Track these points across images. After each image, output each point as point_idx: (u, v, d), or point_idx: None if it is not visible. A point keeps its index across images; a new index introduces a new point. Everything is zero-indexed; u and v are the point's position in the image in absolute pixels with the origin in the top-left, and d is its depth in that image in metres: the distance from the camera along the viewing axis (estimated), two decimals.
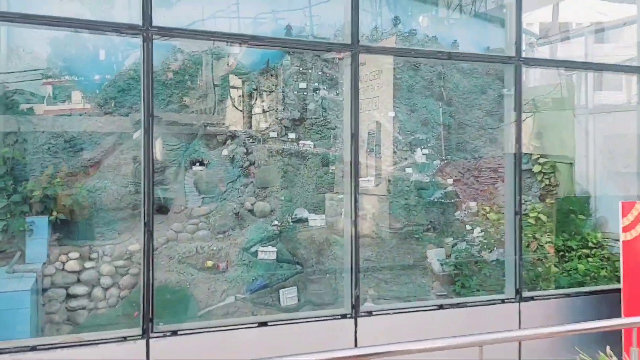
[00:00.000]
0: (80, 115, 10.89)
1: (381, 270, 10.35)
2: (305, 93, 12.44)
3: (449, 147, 14.48)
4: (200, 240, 9.82)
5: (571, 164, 14.75)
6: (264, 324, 5.66)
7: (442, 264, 11.29)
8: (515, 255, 7.45)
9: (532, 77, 15.90)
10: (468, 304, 7.13)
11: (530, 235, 12.97)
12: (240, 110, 11.98)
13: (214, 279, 9.10)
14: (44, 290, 8.61)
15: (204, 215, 10.29)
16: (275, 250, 9.50)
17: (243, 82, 12.14)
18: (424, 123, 14.19)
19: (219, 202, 10.75)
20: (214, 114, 11.84)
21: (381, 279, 10.23)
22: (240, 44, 6.18)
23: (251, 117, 12.04)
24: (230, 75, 12.03)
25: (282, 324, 5.77)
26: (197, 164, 11.23)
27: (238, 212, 10.22)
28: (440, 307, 6.88)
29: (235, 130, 11.70)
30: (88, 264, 9.11)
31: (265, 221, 10.37)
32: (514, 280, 7.49)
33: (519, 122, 7.72)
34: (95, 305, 8.81)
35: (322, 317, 6.10)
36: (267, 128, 11.95)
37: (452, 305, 6.97)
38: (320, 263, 10.12)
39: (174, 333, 5.30)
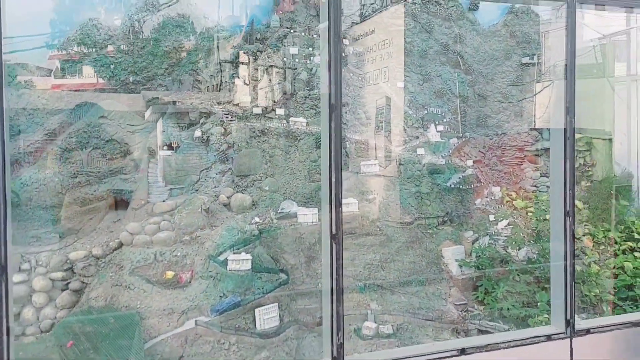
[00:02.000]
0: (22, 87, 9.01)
1: (385, 278, 8.43)
2: (296, 60, 10.39)
3: (467, 123, 12.43)
4: (161, 244, 7.94)
5: (610, 139, 12.59)
6: None
7: (460, 265, 9.35)
8: (565, 272, 5.38)
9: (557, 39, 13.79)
10: (501, 345, 5.12)
11: None
12: (217, 83, 9.99)
13: (171, 296, 7.23)
14: None
15: (168, 211, 8.40)
16: (250, 258, 7.57)
17: (220, 48, 10.11)
18: (438, 95, 12.11)
19: (189, 195, 8.86)
20: (183, 87, 9.88)
21: (386, 289, 8.32)
22: None
23: (230, 90, 10.04)
24: (204, 40, 10.01)
25: None
26: (165, 147, 9.32)
27: (208, 208, 8.30)
28: (463, 351, 4.89)
29: (210, 107, 9.72)
30: (17, 278, 7.27)
31: (242, 218, 8.45)
32: (564, 307, 5.41)
33: (570, 84, 5.53)
34: (22, 331, 7.00)
35: None
36: (250, 103, 9.95)
37: (478, 349, 4.98)
38: (311, 269, 8.21)
39: None
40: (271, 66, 10.09)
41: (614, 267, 9.83)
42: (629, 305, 8.64)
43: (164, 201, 8.64)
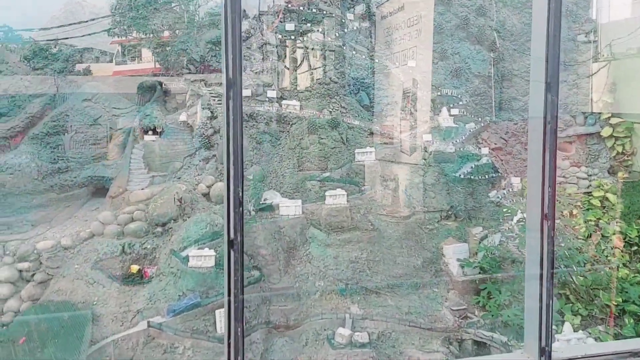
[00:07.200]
0: None
1: (371, 278, 7.75)
2: (292, 37, 9.70)
3: (488, 106, 11.42)
4: (132, 236, 7.53)
5: None
6: None
7: (462, 266, 8.54)
8: (540, 291, 4.52)
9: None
10: None
11: (592, 223, 9.84)
12: (205, 62, 9.43)
13: (130, 293, 6.80)
14: None
15: (144, 200, 7.96)
16: (214, 254, 7.00)
17: (211, 24, 9.53)
18: (454, 74, 11.16)
19: (170, 183, 8.41)
20: (172, 66, 9.38)
21: (371, 290, 7.64)
22: None
23: (220, 70, 9.47)
24: (193, 15, 9.46)
25: None
26: (150, 132, 8.89)
27: (181, 198, 7.80)
28: None
29: (198, 88, 9.19)
30: None
31: (221, 209, 7.91)
32: (539, 332, 4.54)
33: (553, 57, 4.59)
34: None
35: None
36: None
37: None
38: (290, 266, 7.64)
39: None
40: (265, 44, 9.46)
41: None
42: None
43: (142, 189, 8.22)
